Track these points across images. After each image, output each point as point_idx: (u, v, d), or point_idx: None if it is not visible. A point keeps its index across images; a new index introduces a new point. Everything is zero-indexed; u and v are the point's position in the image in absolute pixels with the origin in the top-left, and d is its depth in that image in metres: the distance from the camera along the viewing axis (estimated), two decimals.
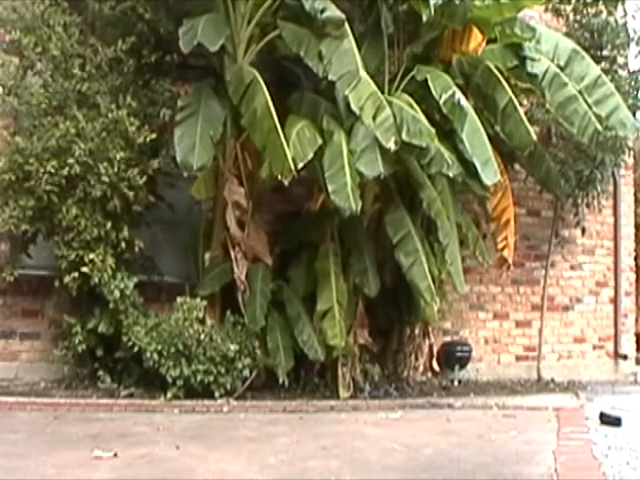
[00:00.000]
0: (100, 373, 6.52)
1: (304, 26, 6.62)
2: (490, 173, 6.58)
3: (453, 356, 8.53)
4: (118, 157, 6.28)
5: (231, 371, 6.40)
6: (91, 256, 6.26)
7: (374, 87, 6.48)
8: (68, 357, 6.62)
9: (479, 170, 6.56)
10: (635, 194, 10.99)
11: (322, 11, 6.36)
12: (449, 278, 7.34)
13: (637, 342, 10.88)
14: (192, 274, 7.05)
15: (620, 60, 9.00)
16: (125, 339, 6.36)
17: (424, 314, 7.54)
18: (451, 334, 8.96)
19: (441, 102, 6.64)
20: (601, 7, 8.90)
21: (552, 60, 7.26)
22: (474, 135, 6.64)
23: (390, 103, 6.45)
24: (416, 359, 7.90)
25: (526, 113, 7.60)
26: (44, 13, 6.44)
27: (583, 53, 7.46)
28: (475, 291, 9.09)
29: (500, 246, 8.12)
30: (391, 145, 6.20)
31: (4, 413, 5.70)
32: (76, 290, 6.38)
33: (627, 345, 10.35)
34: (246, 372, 6.49)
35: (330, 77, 6.46)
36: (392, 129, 6.24)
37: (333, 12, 6.39)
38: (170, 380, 6.22)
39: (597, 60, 7.98)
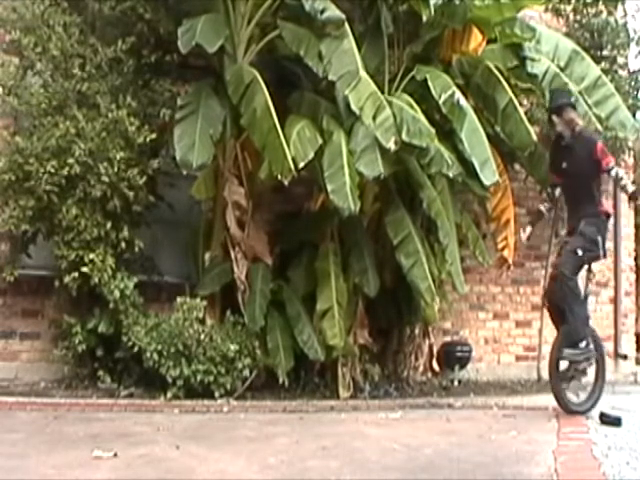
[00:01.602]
0: (100, 373, 6.52)
1: (304, 26, 6.62)
2: (489, 173, 6.58)
3: (453, 356, 8.53)
4: (118, 157, 6.28)
5: (231, 371, 6.40)
6: (91, 256, 6.25)
7: (374, 87, 6.48)
8: (68, 357, 6.61)
9: (478, 170, 6.57)
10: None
11: (322, 11, 6.36)
12: (449, 278, 7.35)
13: (637, 342, 10.88)
14: (192, 274, 7.05)
15: (620, 60, 9.02)
16: (125, 339, 6.36)
17: (424, 314, 7.55)
18: (451, 334, 8.96)
19: (441, 102, 6.65)
20: (601, 7, 8.92)
21: (552, 60, 7.28)
22: (473, 135, 6.64)
23: (390, 103, 6.45)
24: (416, 359, 7.91)
25: (526, 113, 7.60)
26: (44, 13, 6.43)
27: (583, 53, 7.47)
28: (475, 291, 9.10)
29: (500, 246, 8.11)
30: (391, 145, 6.20)
31: (4, 413, 5.69)
32: (76, 290, 6.38)
33: (627, 345, 10.34)
34: (246, 372, 6.49)
35: (330, 77, 6.46)
36: (392, 129, 6.24)
37: (333, 12, 6.39)
38: (170, 380, 6.22)
39: (597, 60, 8.00)
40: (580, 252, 5.95)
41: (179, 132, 6.33)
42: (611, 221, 10.20)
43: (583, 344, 5.92)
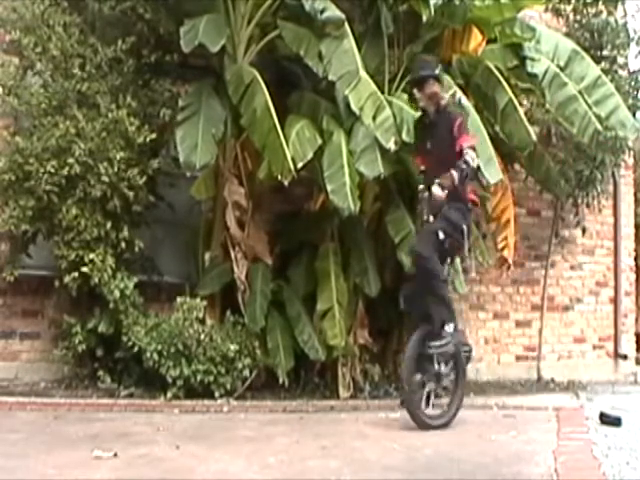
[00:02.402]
0: (100, 373, 6.52)
1: (304, 26, 6.62)
2: (493, 171, 6.56)
3: None
4: (118, 157, 6.28)
5: (231, 371, 6.40)
6: (91, 256, 6.25)
7: (374, 87, 6.48)
8: (68, 357, 6.61)
9: (482, 169, 6.54)
10: (635, 194, 11.00)
11: (322, 11, 6.36)
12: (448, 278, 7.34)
13: (637, 342, 10.89)
14: (192, 274, 7.05)
15: (620, 60, 9.02)
16: (125, 339, 6.35)
17: None
18: None
19: None
20: (601, 7, 8.91)
21: (552, 60, 7.27)
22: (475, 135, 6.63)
23: (390, 103, 6.46)
24: None
25: (526, 113, 7.60)
26: (44, 13, 6.43)
27: (583, 53, 7.47)
28: (475, 291, 9.09)
29: (500, 246, 8.09)
30: (391, 145, 6.20)
31: (4, 413, 5.70)
32: (76, 290, 6.37)
33: (627, 345, 10.35)
34: (246, 372, 6.49)
35: (330, 77, 6.46)
36: (392, 129, 6.25)
37: (333, 12, 6.39)
38: (170, 380, 6.22)
39: (597, 60, 8.00)
40: (442, 235, 5.24)
41: (181, 133, 6.33)
42: (611, 221, 10.33)
43: (451, 327, 5.40)
